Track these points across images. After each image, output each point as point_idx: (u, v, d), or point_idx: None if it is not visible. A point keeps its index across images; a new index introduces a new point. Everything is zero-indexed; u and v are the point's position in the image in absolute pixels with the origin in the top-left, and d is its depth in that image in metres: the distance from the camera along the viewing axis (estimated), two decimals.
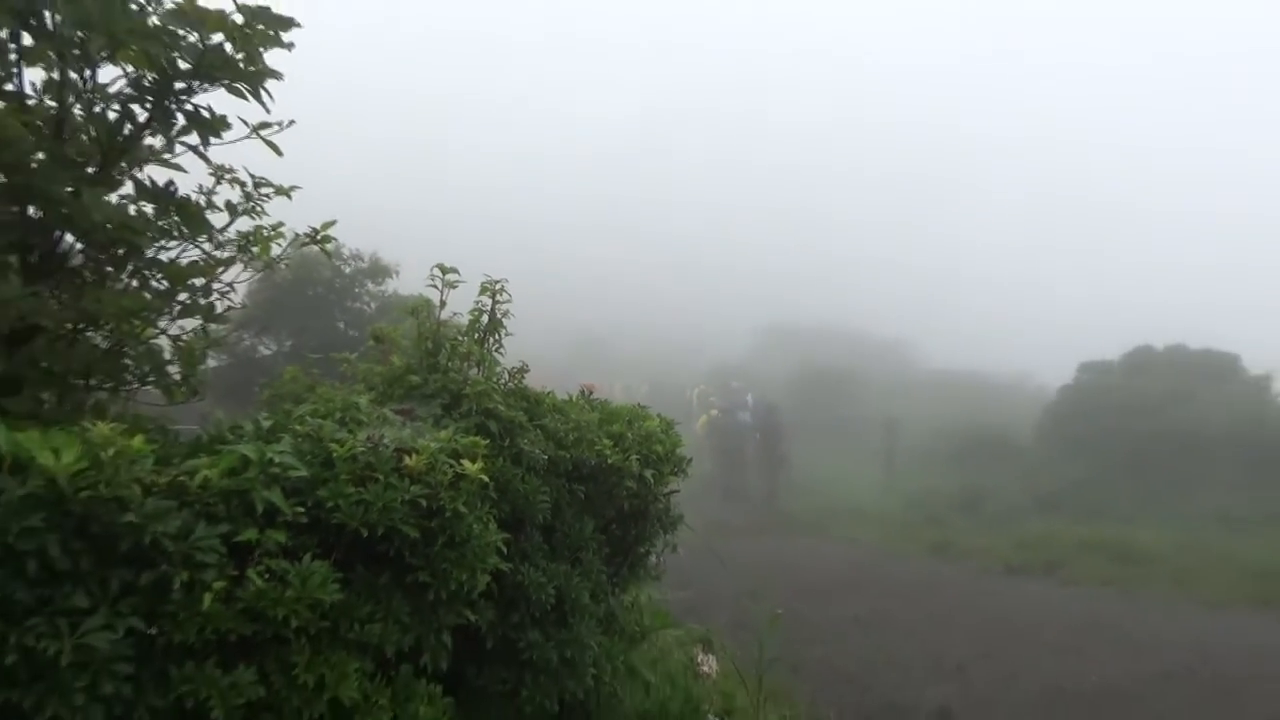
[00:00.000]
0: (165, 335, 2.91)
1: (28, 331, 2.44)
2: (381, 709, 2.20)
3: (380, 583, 2.33)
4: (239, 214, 2.95)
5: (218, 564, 1.94)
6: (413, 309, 3.56)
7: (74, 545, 1.83)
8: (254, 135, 2.76)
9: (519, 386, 3.51)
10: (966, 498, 16.75)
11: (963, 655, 6.83)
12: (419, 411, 3.03)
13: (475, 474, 2.45)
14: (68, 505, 1.82)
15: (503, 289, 3.63)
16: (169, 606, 1.88)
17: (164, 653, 1.91)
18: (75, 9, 2.34)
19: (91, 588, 1.84)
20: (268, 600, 1.97)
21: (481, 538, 2.47)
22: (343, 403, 2.80)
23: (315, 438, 2.37)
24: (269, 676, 2.03)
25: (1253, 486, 12.97)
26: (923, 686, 6.00)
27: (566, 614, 3.09)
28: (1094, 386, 18.79)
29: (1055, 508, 15.16)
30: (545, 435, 3.27)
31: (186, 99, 2.66)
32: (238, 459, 2.14)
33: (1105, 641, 7.31)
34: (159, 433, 2.50)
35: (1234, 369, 17.34)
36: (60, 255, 2.62)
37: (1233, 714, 5.40)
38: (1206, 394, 16.20)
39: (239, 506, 2.06)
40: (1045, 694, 5.83)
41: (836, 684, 6.03)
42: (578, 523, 3.31)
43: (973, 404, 23.65)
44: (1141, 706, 5.58)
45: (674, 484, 3.98)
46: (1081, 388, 19.26)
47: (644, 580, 4.15)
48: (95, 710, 1.76)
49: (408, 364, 3.39)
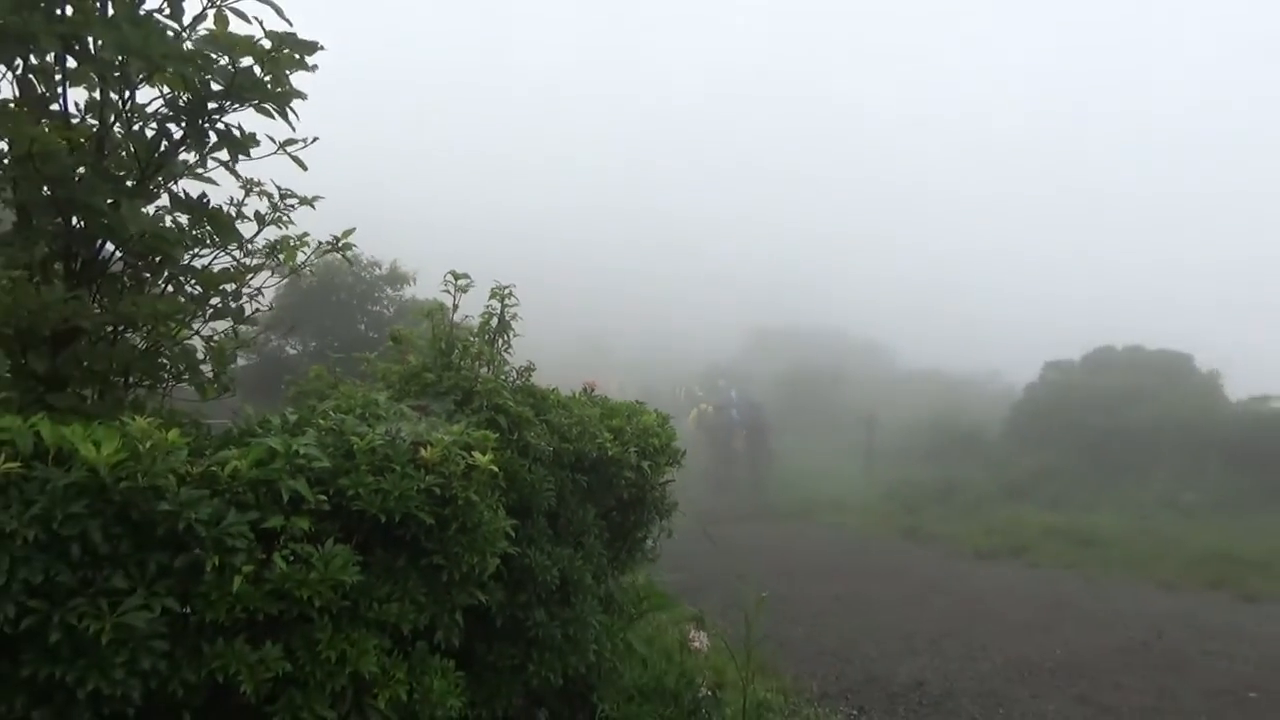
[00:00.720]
0: (198, 336, 2.91)
1: (71, 333, 2.44)
2: (399, 682, 2.20)
3: (397, 565, 2.33)
4: (266, 224, 2.95)
5: (247, 548, 1.94)
6: (428, 312, 3.57)
7: (114, 531, 1.83)
8: (281, 151, 2.76)
9: (526, 384, 3.52)
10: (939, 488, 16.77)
11: (936, 632, 6.83)
12: (434, 407, 3.04)
13: (485, 465, 2.45)
14: (108, 494, 1.82)
15: (511, 294, 3.64)
16: (201, 588, 1.88)
17: (197, 630, 1.91)
18: (115, 34, 2.34)
19: (130, 570, 1.84)
20: (293, 582, 1.97)
21: (491, 524, 2.48)
22: (363, 399, 2.81)
23: (338, 431, 2.37)
24: (294, 652, 2.03)
25: (1203, 476, 12.99)
26: (899, 660, 6.00)
27: (570, 594, 3.09)
28: (1058, 384, 18.84)
29: (1021, 496, 15.17)
30: (550, 429, 3.27)
31: (218, 118, 2.66)
32: (265, 451, 2.14)
33: (1067, 619, 7.32)
34: (192, 427, 2.50)
35: (1187, 367, 17.38)
36: (101, 263, 2.61)
37: (1184, 685, 5.41)
38: (1161, 391, 16.22)
39: (267, 495, 2.06)
40: (1012, 666, 5.84)
41: (819, 658, 6.03)
42: (580, 510, 3.31)
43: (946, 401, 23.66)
44: (1100, 678, 5.59)
45: (669, 474, 3.99)
46: (1046, 385, 19.30)
47: (641, 563, 4.16)
48: (133, 684, 1.76)
49: (423, 363, 3.39)
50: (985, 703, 5.12)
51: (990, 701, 5.14)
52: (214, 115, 2.64)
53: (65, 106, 2.54)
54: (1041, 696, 5.23)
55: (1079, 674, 5.68)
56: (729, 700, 3.96)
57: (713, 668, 4.56)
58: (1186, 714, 4.93)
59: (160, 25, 2.44)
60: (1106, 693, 5.30)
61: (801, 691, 5.22)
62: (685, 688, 3.84)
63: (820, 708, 4.86)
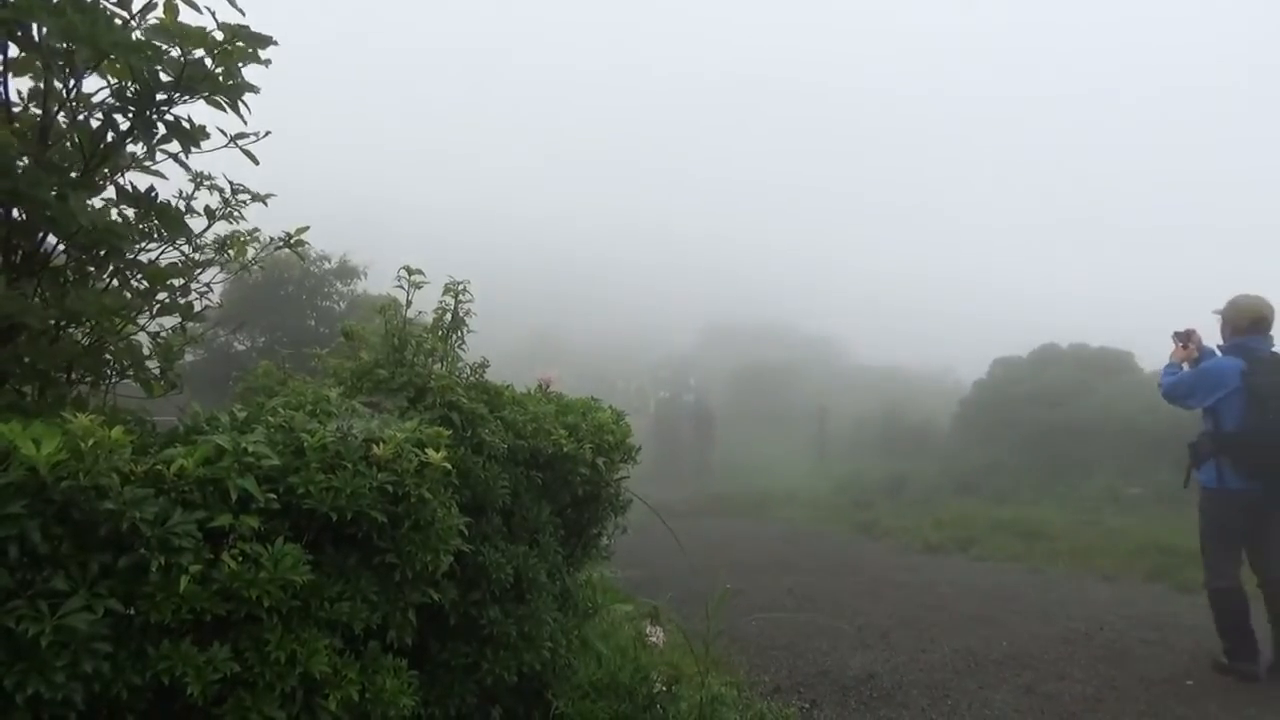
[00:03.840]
0: (145, 332, 2.85)
1: (11, 329, 2.37)
2: (350, 682, 2.18)
3: (349, 564, 2.30)
4: (216, 218, 2.89)
5: (194, 548, 1.90)
6: (381, 308, 3.53)
7: (54, 531, 1.78)
8: (232, 144, 2.71)
9: (480, 380, 3.49)
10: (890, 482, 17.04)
11: (887, 625, 6.93)
12: (386, 404, 3.00)
13: (439, 462, 2.43)
14: (48, 493, 1.77)
15: (465, 289, 3.61)
16: (147, 588, 1.84)
17: (142, 632, 1.86)
18: (60, 21, 2.27)
19: (71, 571, 1.79)
20: (242, 581, 1.94)
21: (445, 521, 2.46)
22: (314, 395, 2.76)
23: (287, 428, 2.34)
24: (243, 653, 1.99)
25: (1143, 470, 13.32)
26: (850, 653, 6.07)
27: (524, 592, 3.08)
28: (1005, 379, 19.21)
29: (969, 490, 15.46)
30: (505, 426, 3.25)
31: (167, 109, 2.59)
32: (213, 449, 2.10)
33: (1013, 611, 7.47)
34: (137, 424, 2.45)
35: (1128, 364, 17.81)
36: (43, 256, 2.54)
37: (1124, 674, 5.55)
38: (1104, 387, 16.61)
39: (214, 494, 2.02)
40: (960, 658, 5.94)
41: (772, 652, 6.09)
42: (535, 507, 3.30)
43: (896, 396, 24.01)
44: (1046, 668, 5.71)
45: (624, 471, 3.99)
46: (993, 381, 19.67)
47: (596, 560, 4.16)
48: (75, 687, 1.72)
49: (376, 359, 3.35)
50: (934, 694, 5.20)
51: (939, 692, 5.22)
52: (163, 107, 2.58)
53: (7, 96, 2.46)
54: (988, 687, 5.33)
55: (1024, 665, 5.80)
56: (684, 695, 3.97)
57: (668, 663, 4.58)
58: (1127, 702, 5.05)
59: (108, 13, 2.38)
60: (1051, 682, 5.41)
61: (755, 685, 5.27)
62: (641, 683, 3.84)
63: (773, 701, 4.90)
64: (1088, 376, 17.32)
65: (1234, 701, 5.06)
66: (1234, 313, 5.74)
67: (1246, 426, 5.38)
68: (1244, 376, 5.44)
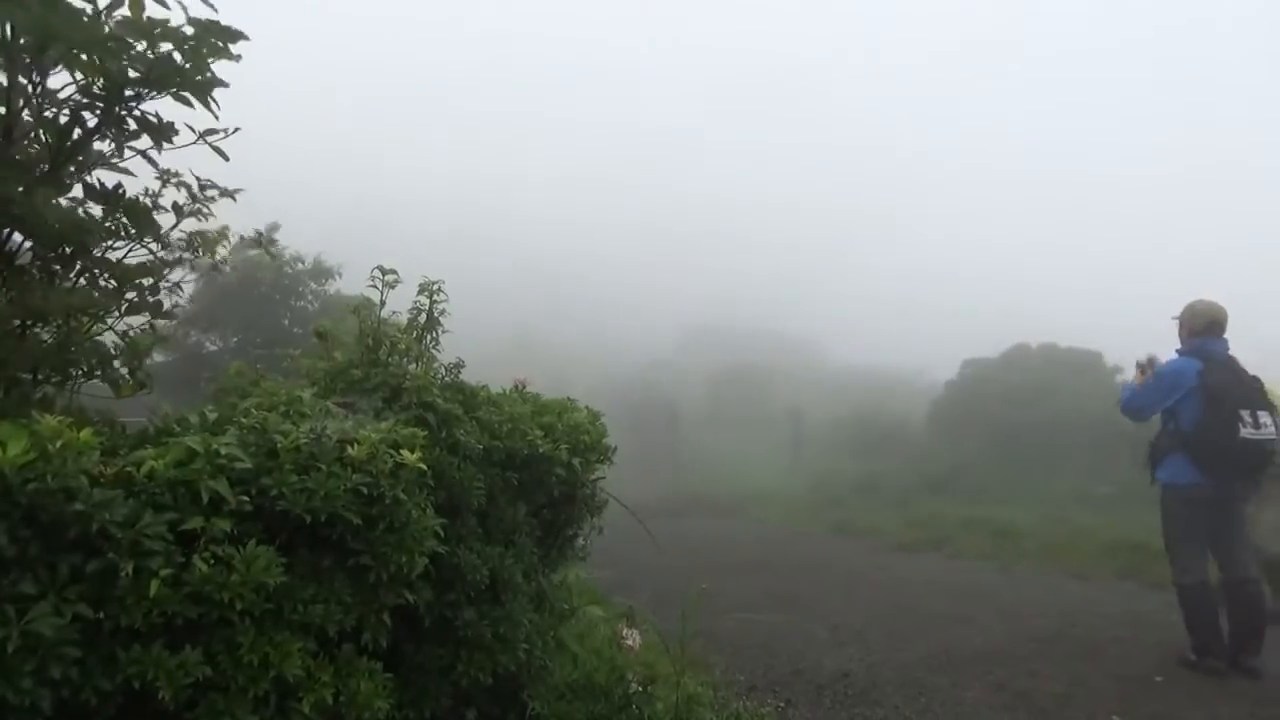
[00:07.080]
0: (113, 331, 2.81)
1: None
2: (324, 685, 2.15)
3: (323, 566, 2.27)
4: (185, 215, 2.85)
5: (164, 551, 1.87)
6: (355, 308, 3.50)
7: (21, 534, 1.75)
8: (201, 141, 2.67)
9: (455, 381, 3.47)
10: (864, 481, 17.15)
11: (861, 624, 6.96)
12: (360, 404, 2.98)
13: (414, 463, 2.41)
14: (15, 495, 1.74)
15: (440, 289, 3.59)
16: (117, 592, 1.81)
17: (111, 636, 1.84)
18: (25, 16, 2.23)
19: (39, 575, 1.76)
20: (213, 584, 1.91)
21: (419, 523, 2.44)
22: (287, 396, 2.74)
23: (260, 429, 2.31)
24: (215, 657, 1.96)
25: (1113, 468, 13.46)
26: (825, 652, 6.10)
27: (499, 593, 3.06)
28: (976, 379, 19.42)
29: (941, 490, 15.58)
30: (480, 426, 3.23)
31: (135, 105, 2.56)
32: (184, 450, 2.07)
33: (985, 609, 7.53)
34: (106, 425, 2.41)
35: (1097, 364, 18.03)
36: (9, 254, 2.50)
37: (1095, 671, 5.61)
38: (1073, 386, 16.81)
39: (185, 496, 1.99)
40: (933, 656, 5.98)
41: (747, 652, 6.10)
42: (510, 508, 3.28)
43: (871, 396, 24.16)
44: (1017, 665, 5.76)
45: (600, 471, 3.98)
46: (965, 381, 19.88)
47: (572, 560, 4.14)
48: (42, 693, 1.69)
49: (350, 360, 3.32)
50: (908, 692, 5.23)
51: (913, 691, 5.25)
52: (131, 103, 2.54)
53: None
54: (961, 685, 5.37)
55: (996, 662, 5.85)
56: (660, 695, 3.97)
57: (644, 663, 4.57)
58: (1098, 698, 5.11)
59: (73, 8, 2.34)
60: (1022, 680, 5.46)
61: (730, 685, 5.27)
62: (616, 683, 3.83)
63: (749, 700, 4.91)
64: (1056, 376, 17.53)
65: (1202, 696, 5.13)
66: (1191, 316, 6.00)
67: (1204, 424, 5.54)
68: (1201, 376, 5.66)
